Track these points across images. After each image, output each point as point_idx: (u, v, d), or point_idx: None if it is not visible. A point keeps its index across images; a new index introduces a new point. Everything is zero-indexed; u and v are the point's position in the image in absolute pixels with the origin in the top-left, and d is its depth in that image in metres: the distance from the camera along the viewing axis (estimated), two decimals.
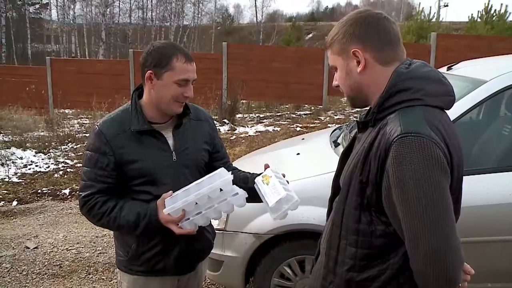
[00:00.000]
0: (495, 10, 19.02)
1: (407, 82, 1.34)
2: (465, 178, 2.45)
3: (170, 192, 1.80)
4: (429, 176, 1.20)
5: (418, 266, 1.25)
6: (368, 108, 1.49)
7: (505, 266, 2.83)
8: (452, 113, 2.71)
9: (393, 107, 1.33)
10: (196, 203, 1.74)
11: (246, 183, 2.06)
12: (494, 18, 18.80)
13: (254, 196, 1.96)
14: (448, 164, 1.25)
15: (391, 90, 1.34)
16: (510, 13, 18.84)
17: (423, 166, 1.20)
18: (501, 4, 19.02)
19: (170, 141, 1.96)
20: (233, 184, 1.80)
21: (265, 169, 1.96)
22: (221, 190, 1.75)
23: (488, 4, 19.12)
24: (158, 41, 2.01)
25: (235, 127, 10.82)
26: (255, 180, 1.95)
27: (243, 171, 2.18)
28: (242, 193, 1.78)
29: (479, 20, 19.27)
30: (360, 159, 1.35)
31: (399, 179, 1.22)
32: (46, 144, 9.40)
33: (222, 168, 1.79)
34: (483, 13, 19.21)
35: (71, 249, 4.65)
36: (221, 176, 1.74)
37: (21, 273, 4.16)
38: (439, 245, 1.20)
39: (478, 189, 2.70)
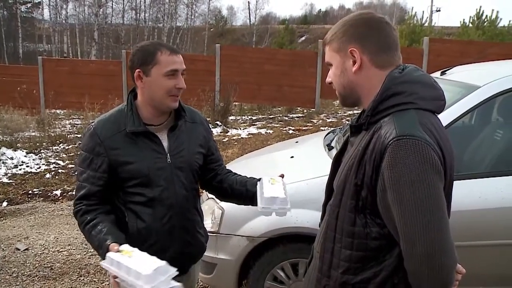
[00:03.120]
0: (487, 15, 19.24)
1: (401, 85, 1.36)
2: (458, 182, 2.46)
3: (117, 248, 1.65)
4: (425, 178, 1.22)
5: (414, 267, 1.27)
6: (359, 112, 1.51)
7: (497, 270, 2.84)
8: (446, 118, 2.74)
9: (387, 110, 1.35)
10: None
11: (244, 186, 2.09)
12: (485, 24, 18.99)
13: (252, 199, 2.00)
14: (442, 166, 1.27)
15: (385, 94, 1.36)
16: (501, 19, 19.06)
17: (419, 168, 1.22)
18: (492, 10, 19.27)
19: (165, 143, 1.95)
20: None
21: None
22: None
23: (480, 9, 19.32)
24: (143, 41, 2.02)
25: (228, 129, 10.81)
26: (262, 178, 2.02)
27: (239, 175, 2.18)
28: None
29: (470, 25, 19.45)
30: (354, 162, 1.36)
31: (394, 181, 1.24)
32: (37, 144, 9.35)
33: (150, 274, 1.50)
34: (475, 18, 19.40)
35: (62, 251, 4.62)
36: (147, 282, 1.48)
37: (11, 275, 4.12)
38: (434, 245, 1.22)
39: (471, 193, 2.72)
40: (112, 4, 44.24)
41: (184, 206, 1.99)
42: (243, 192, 2.08)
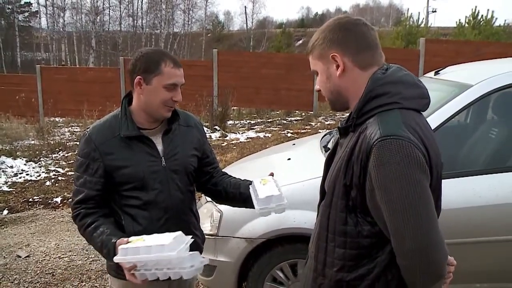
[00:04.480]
0: (482, 15, 19.35)
1: (384, 87, 1.39)
2: (453, 180, 2.49)
3: (126, 239, 1.70)
4: (410, 176, 1.25)
5: (405, 262, 1.30)
6: (348, 114, 1.54)
7: (492, 266, 2.87)
8: (440, 116, 2.78)
9: (372, 112, 1.38)
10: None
11: (237, 188, 2.11)
12: (481, 23, 19.09)
13: (245, 201, 2.03)
14: (426, 163, 1.30)
15: (369, 95, 1.39)
16: (496, 18, 19.19)
17: (403, 166, 1.25)
18: (488, 10, 19.35)
19: (159, 147, 1.98)
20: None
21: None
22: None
23: (475, 9, 19.42)
24: (146, 47, 2.05)
25: (226, 133, 10.83)
26: (253, 181, 2.04)
27: (234, 177, 2.21)
28: (195, 268, 1.65)
29: (466, 25, 19.54)
30: (343, 163, 1.40)
31: (381, 180, 1.27)
32: (37, 152, 9.37)
33: (179, 238, 1.61)
34: (471, 18, 19.49)
35: (63, 257, 4.64)
36: (172, 250, 1.58)
37: (12, 282, 4.15)
38: (424, 240, 1.25)
39: (466, 191, 2.75)
40: (109, 11, 44.33)
41: (180, 208, 2.01)
42: (236, 194, 2.10)
